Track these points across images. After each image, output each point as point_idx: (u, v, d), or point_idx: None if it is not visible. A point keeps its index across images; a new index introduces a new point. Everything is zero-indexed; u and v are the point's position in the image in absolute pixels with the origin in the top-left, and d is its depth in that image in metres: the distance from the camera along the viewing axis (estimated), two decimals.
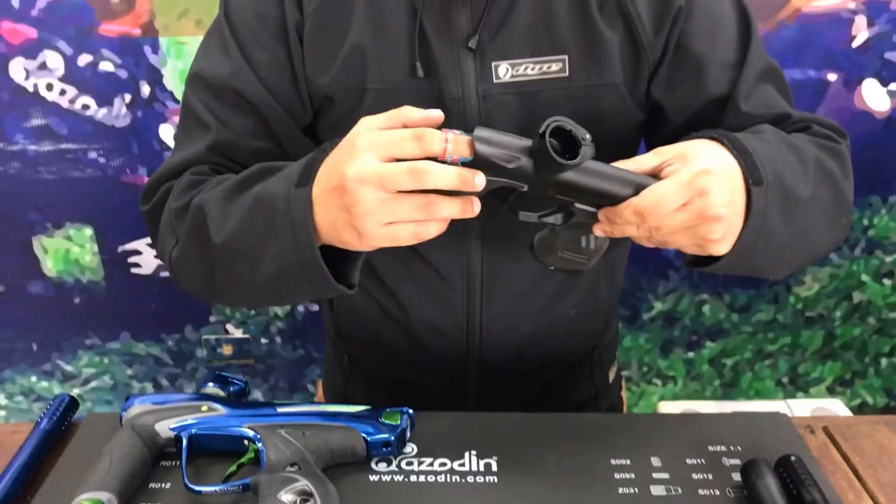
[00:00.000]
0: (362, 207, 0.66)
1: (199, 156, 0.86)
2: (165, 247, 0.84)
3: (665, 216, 0.69)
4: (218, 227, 0.76)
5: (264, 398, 1.88)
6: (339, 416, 0.79)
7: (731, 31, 0.87)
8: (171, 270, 0.85)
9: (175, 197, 0.83)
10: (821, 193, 0.78)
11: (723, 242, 0.71)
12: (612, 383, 1.13)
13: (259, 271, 0.75)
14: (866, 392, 1.85)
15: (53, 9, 1.47)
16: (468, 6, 0.83)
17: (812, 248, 0.81)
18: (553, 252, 0.77)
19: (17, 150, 1.59)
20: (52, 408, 0.85)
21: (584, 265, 0.78)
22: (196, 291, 0.85)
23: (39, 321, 1.78)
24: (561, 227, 0.75)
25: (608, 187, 0.70)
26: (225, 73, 0.86)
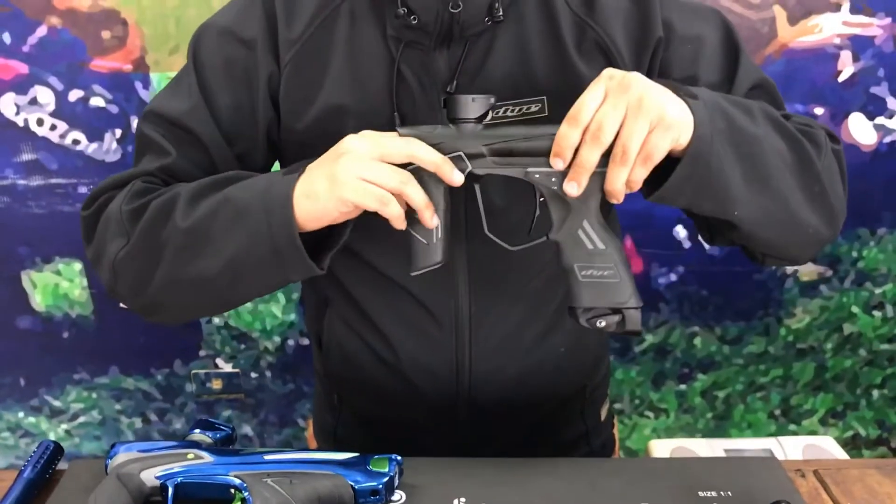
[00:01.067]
0: (349, 155, 0.73)
1: (147, 172, 0.87)
2: (109, 248, 0.83)
3: (595, 109, 0.70)
4: (185, 214, 0.78)
5: (254, 433, 1.86)
6: (326, 463, 0.79)
7: (714, 52, 0.88)
8: (111, 272, 0.84)
9: (127, 200, 0.83)
10: (775, 140, 0.78)
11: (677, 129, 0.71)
12: (604, 421, 1.13)
13: (221, 256, 0.77)
14: (858, 424, 1.85)
15: (45, 44, 1.48)
16: (445, 52, 0.84)
17: (781, 197, 0.79)
18: (576, 280, 0.76)
19: (7, 184, 1.59)
20: (36, 455, 0.84)
21: (615, 280, 0.76)
22: (134, 294, 0.85)
23: (27, 356, 1.76)
24: (551, 232, 0.76)
25: (534, 131, 0.74)
26: (182, 109, 0.87)
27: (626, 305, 0.76)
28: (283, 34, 0.87)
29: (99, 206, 0.87)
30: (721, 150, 0.74)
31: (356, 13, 0.87)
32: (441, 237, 0.76)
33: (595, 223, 0.76)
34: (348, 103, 0.86)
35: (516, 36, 0.85)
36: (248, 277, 0.80)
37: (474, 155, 0.75)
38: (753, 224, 0.80)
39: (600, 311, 0.76)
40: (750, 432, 1.86)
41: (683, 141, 0.72)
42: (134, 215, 0.82)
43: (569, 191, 0.74)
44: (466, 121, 0.75)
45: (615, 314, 0.76)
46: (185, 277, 0.80)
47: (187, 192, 0.80)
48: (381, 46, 0.86)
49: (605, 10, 0.85)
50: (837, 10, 1.46)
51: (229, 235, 0.77)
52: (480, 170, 0.75)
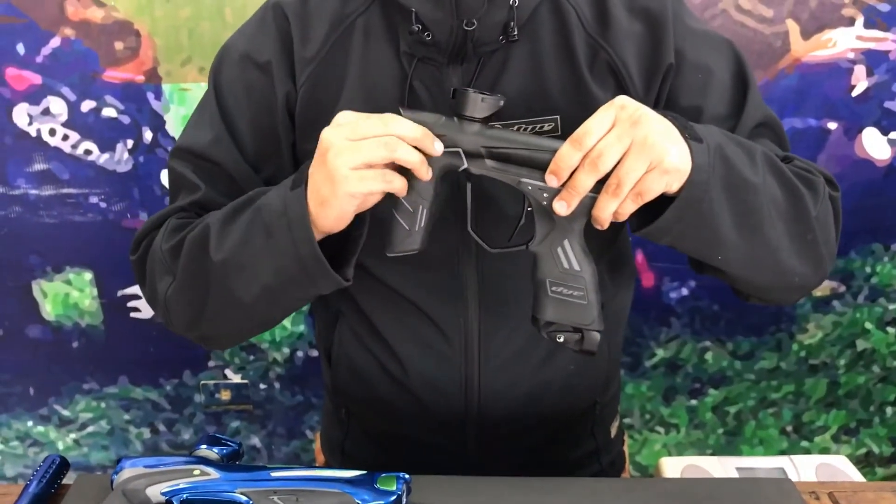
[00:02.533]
0: (333, 149, 0.72)
1: (180, 208, 0.90)
2: (159, 287, 0.87)
3: (600, 136, 0.70)
4: (217, 246, 0.80)
5: (262, 444, 1.86)
6: (333, 480, 0.78)
7: (723, 84, 0.88)
8: (165, 309, 0.87)
9: (165, 239, 0.86)
10: (773, 188, 0.78)
11: (674, 175, 0.71)
12: (613, 438, 1.12)
13: (256, 282, 0.79)
14: (872, 441, 1.83)
15: (58, 55, 1.49)
16: (459, 68, 0.84)
17: (770, 245, 0.79)
18: (545, 294, 0.77)
19: (19, 194, 1.59)
20: (42, 469, 0.84)
21: (583, 302, 0.77)
22: (188, 327, 0.88)
23: (37, 365, 1.76)
24: (532, 242, 0.77)
25: (535, 142, 0.74)
26: (206, 141, 0.89)
27: (588, 327, 0.78)
28: (299, 53, 0.87)
29: (144, 249, 0.91)
30: (715, 195, 0.74)
31: (370, 29, 0.87)
32: (423, 225, 0.77)
33: (576, 244, 0.76)
34: None
35: (530, 54, 0.85)
36: (283, 297, 0.83)
37: (472, 154, 0.75)
38: (738, 268, 0.80)
39: (562, 328, 0.78)
40: (761, 448, 1.84)
41: (674, 188, 0.73)
42: (174, 252, 0.85)
43: (557, 209, 0.74)
44: (472, 119, 0.75)
45: (575, 332, 0.78)
46: (228, 306, 0.83)
47: (216, 224, 0.82)
48: (394, 62, 0.86)
49: (618, 33, 0.85)
50: (851, 25, 1.45)
51: (260, 262, 0.78)
52: (475, 170, 0.75)
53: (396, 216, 0.77)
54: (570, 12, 0.86)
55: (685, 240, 0.77)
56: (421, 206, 0.76)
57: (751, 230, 0.77)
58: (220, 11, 1.45)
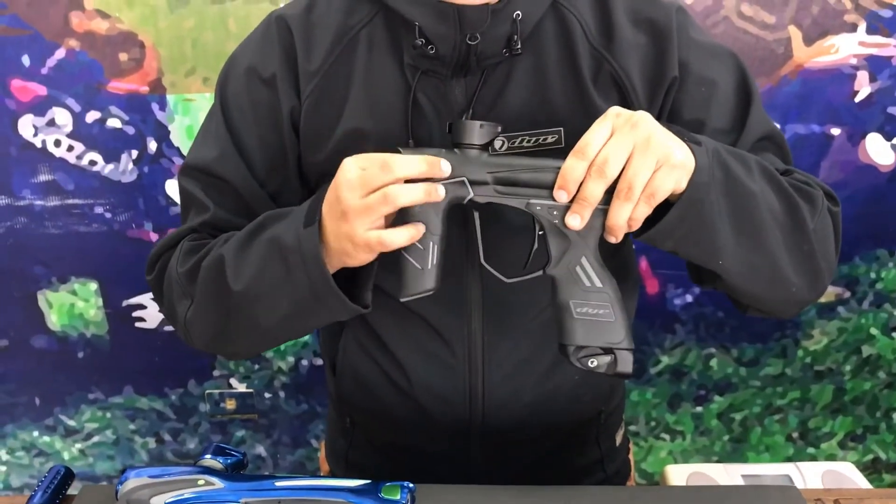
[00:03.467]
0: (352, 213, 0.72)
1: (192, 229, 0.91)
2: (178, 309, 0.88)
3: (602, 144, 0.70)
4: (235, 276, 0.81)
5: (267, 453, 1.86)
6: (337, 490, 0.78)
7: (727, 98, 0.87)
8: (185, 330, 0.89)
9: (180, 262, 0.87)
10: (769, 197, 0.78)
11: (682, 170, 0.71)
12: (619, 446, 1.11)
13: (276, 311, 0.80)
14: (878, 447, 1.82)
15: (63, 67, 1.49)
16: (462, 81, 0.84)
17: (768, 253, 0.79)
18: (570, 317, 0.75)
19: (24, 205, 1.60)
20: (47, 480, 0.84)
21: (610, 319, 0.75)
22: (208, 346, 0.90)
23: (43, 375, 1.77)
24: (549, 266, 0.75)
25: (539, 163, 0.73)
26: (213, 157, 0.90)
27: (619, 346, 0.75)
28: (303, 67, 0.87)
29: (159, 270, 0.92)
30: (715, 199, 0.74)
31: (374, 41, 0.87)
32: (436, 263, 0.75)
33: (593, 260, 0.75)
34: (366, 128, 0.86)
35: (534, 66, 0.85)
36: (304, 323, 0.85)
37: (477, 182, 0.74)
38: (737, 276, 0.80)
39: (592, 351, 0.75)
40: (767, 455, 1.83)
41: (683, 184, 0.72)
42: (190, 276, 0.86)
43: (571, 224, 0.73)
44: (471, 146, 0.74)
45: (607, 354, 0.75)
46: (249, 330, 0.85)
47: (230, 252, 0.82)
48: (398, 74, 0.86)
49: (622, 45, 0.85)
50: (854, 31, 1.45)
51: (279, 294, 0.79)
52: (482, 198, 0.74)
53: (406, 256, 0.75)
54: (575, 24, 0.86)
55: (687, 243, 0.77)
56: (431, 242, 0.74)
57: (749, 236, 0.77)
58: (223, 22, 1.46)
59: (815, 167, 1.53)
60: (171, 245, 0.91)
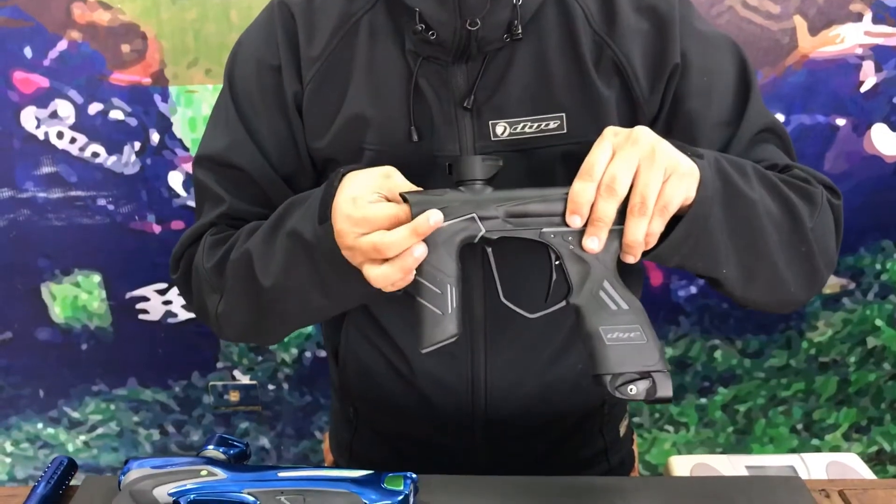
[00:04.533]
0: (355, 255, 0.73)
1: (211, 223, 0.91)
2: (208, 304, 0.88)
3: (606, 164, 0.70)
4: (264, 272, 0.81)
5: (271, 445, 1.86)
6: (340, 480, 0.78)
7: (727, 89, 0.87)
8: (217, 324, 0.89)
9: (206, 258, 0.88)
10: (767, 201, 0.78)
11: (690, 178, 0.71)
12: (623, 437, 1.11)
13: (310, 303, 0.81)
14: (883, 439, 1.81)
15: (65, 58, 1.49)
16: (464, 66, 0.84)
17: (766, 258, 0.79)
18: (602, 345, 0.71)
19: (27, 197, 1.60)
20: (50, 471, 0.84)
21: (642, 341, 0.71)
22: (240, 337, 0.93)
23: (46, 368, 1.77)
24: (571, 295, 0.72)
25: (548, 193, 0.72)
26: (224, 145, 0.90)
27: (654, 368, 0.71)
28: (305, 52, 0.87)
29: (185, 267, 0.93)
30: (717, 211, 0.74)
31: (375, 27, 0.87)
32: (455, 307, 0.71)
33: (615, 282, 0.72)
34: (368, 114, 0.86)
35: (535, 52, 0.85)
36: (334, 309, 0.86)
37: (487, 217, 0.72)
38: (737, 282, 0.79)
39: (629, 377, 0.71)
40: (772, 447, 1.83)
41: (692, 193, 0.71)
42: (217, 271, 0.87)
43: (589, 247, 0.71)
44: (475, 181, 0.72)
45: (644, 379, 0.71)
46: (281, 321, 0.87)
47: (256, 247, 0.83)
48: (399, 60, 0.86)
49: (624, 30, 0.84)
50: (859, 20, 1.44)
51: (307, 286, 0.80)
52: (494, 233, 0.72)
53: (424, 303, 0.71)
54: (577, 9, 0.85)
55: (693, 258, 0.76)
56: (448, 284, 0.71)
57: (749, 244, 0.77)
58: (225, 13, 1.45)
59: (820, 158, 1.52)
60: (192, 241, 0.92)
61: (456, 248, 0.71)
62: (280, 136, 0.90)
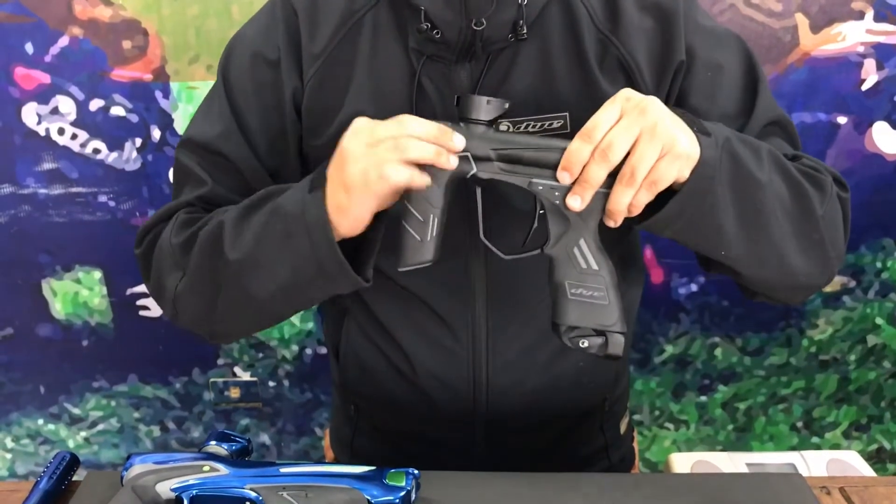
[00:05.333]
0: (350, 157, 0.72)
1: (188, 203, 0.89)
2: (168, 282, 0.86)
3: (608, 128, 0.70)
4: (232, 245, 0.79)
5: (272, 442, 1.86)
6: (342, 476, 0.78)
7: (734, 83, 0.87)
8: (173, 305, 0.86)
9: (174, 233, 0.85)
10: (779, 186, 0.78)
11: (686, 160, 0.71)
12: (623, 435, 1.11)
13: (273, 280, 0.78)
14: (883, 437, 1.82)
15: (67, 55, 1.49)
16: (467, 65, 0.84)
17: (774, 243, 0.79)
18: (564, 297, 0.75)
19: (28, 193, 1.60)
20: (52, 466, 0.84)
21: (604, 302, 0.75)
22: (195, 322, 0.88)
23: (47, 364, 1.77)
24: (547, 245, 0.75)
25: (544, 142, 0.73)
26: (214, 133, 0.88)
27: (611, 328, 0.75)
28: (307, 49, 0.87)
29: (149, 242, 0.90)
30: (721, 191, 0.73)
31: (379, 25, 0.86)
32: (435, 235, 0.75)
33: (591, 243, 0.75)
34: (369, 113, 0.85)
35: (539, 51, 0.85)
36: (299, 296, 0.82)
37: (481, 158, 0.74)
38: (743, 265, 0.80)
39: (584, 332, 0.76)
40: (772, 445, 1.83)
41: (686, 174, 0.72)
42: (184, 247, 0.84)
43: (572, 205, 0.73)
44: (478, 122, 0.74)
45: (598, 336, 0.76)
46: (241, 304, 0.82)
47: (230, 221, 0.81)
48: (402, 58, 0.85)
49: (628, 28, 0.84)
50: (861, 18, 1.44)
51: (278, 262, 0.78)
52: (485, 174, 0.74)
53: (407, 227, 0.75)
54: (581, 8, 0.85)
55: (687, 233, 0.76)
56: (432, 214, 0.74)
57: (756, 228, 0.77)
58: (227, 9, 1.45)
59: (821, 156, 1.52)
60: (164, 218, 0.89)
61: (446, 181, 0.74)
62: (272, 131, 0.89)
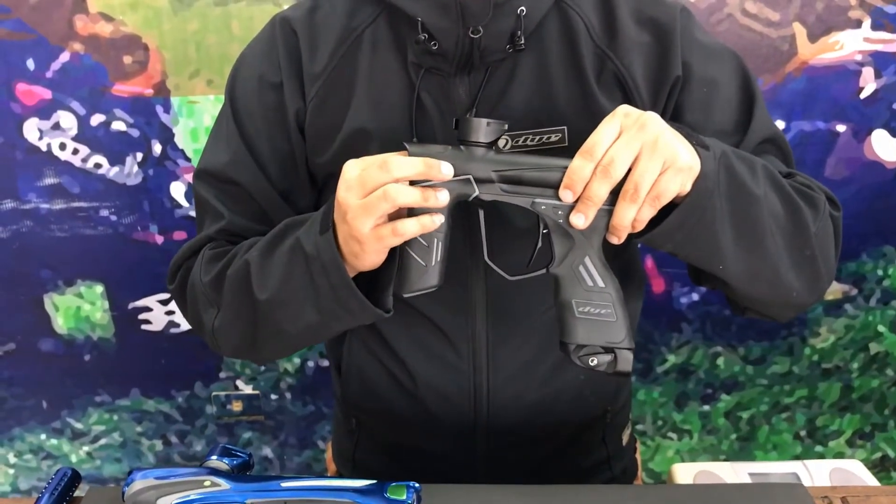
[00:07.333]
0: (350, 214, 0.72)
1: (209, 238, 0.92)
2: (205, 318, 0.89)
3: (609, 145, 0.70)
4: (260, 285, 0.81)
5: (274, 455, 1.86)
6: (343, 490, 0.78)
7: (729, 98, 0.87)
8: (213, 338, 0.90)
9: (204, 271, 0.88)
10: (773, 201, 0.78)
11: (688, 173, 0.71)
12: (625, 446, 1.11)
13: (302, 319, 0.80)
14: (887, 445, 1.81)
15: (68, 70, 1.50)
16: (466, 79, 0.84)
17: (769, 258, 0.79)
18: (571, 315, 0.75)
19: (30, 208, 1.61)
20: (54, 483, 0.84)
21: (611, 319, 0.75)
22: (236, 352, 0.91)
23: (49, 378, 1.77)
24: (552, 265, 0.75)
25: (545, 162, 0.73)
26: (224, 161, 0.90)
27: (619, 345, 0.75)
28: (308, 69, 0.87)
29: (182, 279, 0.93)
30: (719, 204, 0.74)
31: (378, 41, 0.87)
32: (440, 260, 0.75)
33: (597, 261, 0.75)
34: (371, 127, 0.86)
35: (538, 64, 0.85)
36: (326, 330, 0.84)
37: (483, 180, 0.73)
38: (737, 280, 0.80)
39: (593, 350, 0.76)
40: (775, 454, 1.83)
41: (688, 187, 0.72)
42: (215, 286, 0.87)
43: (575, 222, 0.73)
44: (477, 144, 0.74)
45: (607, 353, 0.76)
46: (277, 337, 0.85)
47: (255, 261, 0.83)
48: (402, 73, 0.86)
49: (626, 44, 0.85)
50: (858, 27, 1.44)
51: (303, 301, 0.79)
52: (487, 195, 0.74)
53: (410, 253, 0.75)
54: (579, 22, 0.85)
55: (686, 247, 0.76)
56: (436, 239, 0.74)
57: (751, 242, 0.77)
58: (227, 24, 1.46)
59: (820, 164, 1.53)
60: (191, 254, 0.92)
61: (448, 204, 0.74)
62: (280, 154, 0.90)
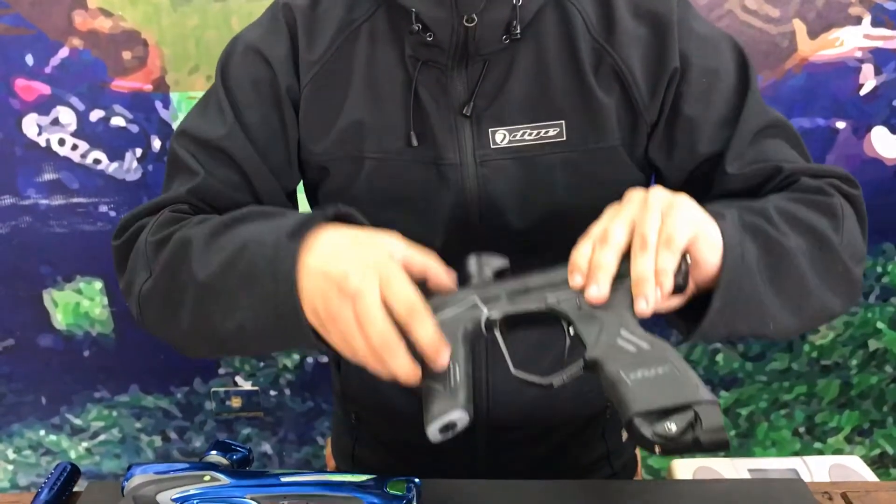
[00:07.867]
0: (341, 315, 0.63)
1: (178, 196, 0.84)
2: (135, 281, 0.79)
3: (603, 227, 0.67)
4: (201, 263, 0.72)
5: (273, 451, 1.86)
6: (343, 485, 0.78)
7: (728, 86, 0.86)
8: (138, 306, 0.80)
9: (153, 231, 0.79)
10: (797, 241, 0.74)
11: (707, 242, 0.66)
12: (625, 442, 1.11)
13: (231, 318, 0.70)
14: (886, 442, 1.81)
15: (67, 66, 1.50)
16: (463, 74, 0.84)
17: (807, 294, 0.75)
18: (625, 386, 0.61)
19: (29, 204, 1.60)
20: (53, 478, 0.84)
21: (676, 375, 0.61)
22: (160, 330, 0.81)
23: (49, 374, 1.77)
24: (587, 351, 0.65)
25: (547, 269, 0.69)
26: (214, 129, 0.85)
27: (695, 401, 0.59)
28: (304, 55, 0.87)
29: (130, 236, 0.83)
30: (754, 269, 0.70)
31: (375, 34, 0.87)
32: (459, 381, 0.65)
33: (634, 328, 0.64)
34: (367, 120, 0.86)
35: (535, 58, 0.85)
36: (257, 343, 0.73)
37: (489, 298, 0.69)
38: (786, 327, 0.75)
39: (664, 416, 0.59)
40: (774, 450, 1.83)
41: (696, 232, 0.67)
42: (157, 247, 0.77)
43: (592, 294, 0.65)
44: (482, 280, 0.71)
45: (684, 412, 0.59)
46: (202, 329, 0.74)
47: (203, 235, 0.74)
48: (399, 67, 0.86)
49: (623, 37, 0.84)
50: (858, 24, 1.44)
51: (239, 299, 0.69)
52: (497, 311, 0.69)
53: (429, 384, 0.65)
54: (576, 16, 0.85)
55: (737, 324, 0.71)
56: (455, 365, 0.65)
57: (790, 290, 0.73)
58: (226, 20, 1.46)
59: (820, 161, 1.53)
60: (149, 212, 0.83)
61: (461, 334, 0.67)
62: (269, 128, 0.88)
